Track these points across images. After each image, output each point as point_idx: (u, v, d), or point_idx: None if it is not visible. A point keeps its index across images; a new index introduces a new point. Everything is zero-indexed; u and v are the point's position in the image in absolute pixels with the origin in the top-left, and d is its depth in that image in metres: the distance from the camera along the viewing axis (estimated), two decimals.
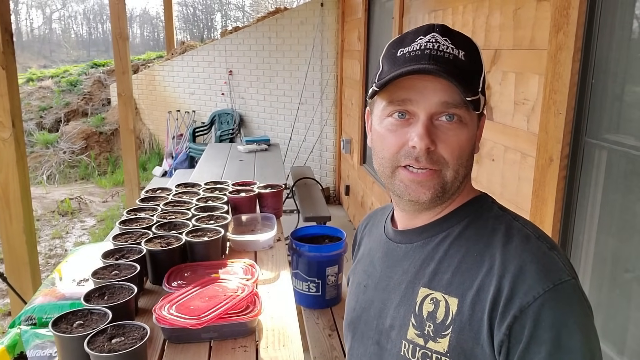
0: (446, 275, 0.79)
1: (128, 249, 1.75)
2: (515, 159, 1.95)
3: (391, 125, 0.80)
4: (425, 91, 0.77)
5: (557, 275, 0.72)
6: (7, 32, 2.41)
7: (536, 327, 0.69)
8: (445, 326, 0.76)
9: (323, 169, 6.90)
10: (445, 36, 0.79)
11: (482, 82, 0.80)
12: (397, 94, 0.79)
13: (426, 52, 0.77)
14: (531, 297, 0.70)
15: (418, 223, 0.87)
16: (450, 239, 0.82)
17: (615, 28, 1.50)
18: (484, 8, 2.22)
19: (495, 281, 0.73)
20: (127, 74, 5.55)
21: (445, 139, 0.78)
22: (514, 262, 0.73)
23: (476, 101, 0.77)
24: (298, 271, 2.57)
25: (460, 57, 0.77)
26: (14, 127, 2.50)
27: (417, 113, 0.78)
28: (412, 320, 0.81)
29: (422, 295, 0.81)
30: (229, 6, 33.35)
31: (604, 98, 1.54)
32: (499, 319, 0.71)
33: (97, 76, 10.67)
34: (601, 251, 1.61)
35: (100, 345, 1.21)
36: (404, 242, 0.89)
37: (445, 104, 0.77)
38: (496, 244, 0.77)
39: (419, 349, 0.79)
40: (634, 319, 1.50)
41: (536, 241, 0.77)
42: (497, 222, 0.81)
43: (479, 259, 0.77)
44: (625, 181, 1.51)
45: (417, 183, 0.80)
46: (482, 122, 0.86)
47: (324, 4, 6.48)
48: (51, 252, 5.21)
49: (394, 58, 0.80)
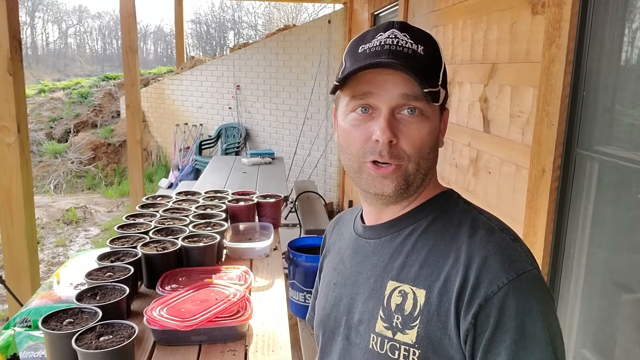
0: (414, 268, 0.81)
1: (124, 252, 1.77)
2: (511, 171, 1.96)
3: (354, 121, 0.82)
4: (385, 85, 0.79)
5: (520, 265, 0.74)
6: (15, 40, 2.47)
7: (501, 315, 0.71)
8: (413, 317, 0.78)
9: (327, 184, 6.92)
10: (404, 32, 0.81)
11: (442, 76, 0.82)
12: (358, 88, 0.80)
13: (385, 48, 0.79)
14: (496, 287, 0.72)
15: (385, 218, 0.89)
16: (418, 233, 0.84)
17: (605, 41, 1.52)
18: (482, 23, 2.25)
19: (461, 272, 0.75)
20: (136, 86, 5.64)
21: (407, 132, 0.79)
22: (479, 253, 0.75)
23: (435, 93, 0.78)
24: (294, 281, 2.57)
25: (419, 51, 0.79)
26: (19, 132, 2.54)
27: (379, 107, 0.80)
28: (380, 313, 0.82)
29: (391, 288, 0.82)
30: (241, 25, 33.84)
31: (594, 110, 1.56)
32: (465, 308, 0.73)
33: (108, 89, 10.84)
34: (592, 262, 1.61)
35: (88, 342, 1.22)
36: (372, 237, 0.90)
37: (405, 96, 0.78)
38: (462, 237, 0.79)
39: (387, 342, 0.80)
40: (625, 331, 1.49)
41: (500, 233, 0.79)
42: (462, 216, 0.83)
43: (446, 252, 0.79)
44: (616, 192, 1.52)
45: (382, 176, 0.81)
46: (446, 116, 0.88)
47: (331, 21, 6.58)
48: (54, 259, 5.25)
49: (355, 54, 0.82)
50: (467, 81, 2.43)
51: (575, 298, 1.68)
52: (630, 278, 1.47)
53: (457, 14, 2.59)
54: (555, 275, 1.74)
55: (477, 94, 2.32)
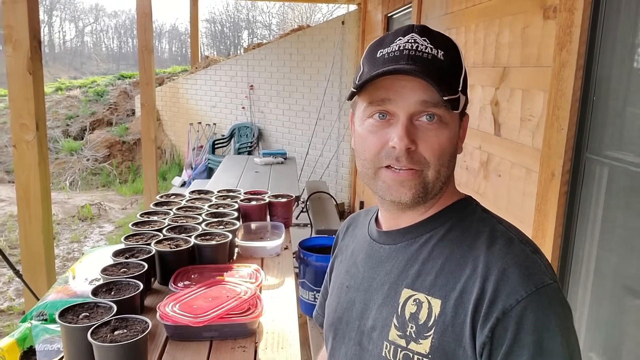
0: (429, 277, 0.79)
1: (138, 249, 1.80)
2: (521, 175, 1.97)
3: (372, 127, 0.81)
4: (403, 91, 0.77)
5: (540, 279, 0.72)
6: (35, 39, 2.53)
7: (519, 329, 0.69)
8: (428, 327, 0.76)
9: (339, 184, 6.94)
10: (424, 36, 0.79)
11: (462, 82, 0.80)
12: (376, 94, 0.79)
13: (404, 53, 0.77)
14: (514, 300, 0.70)
15: (402, 224, 0.87)
16: (434, 241, 0.82)
17: (616, 46, 1.53)
18: (494, 26, 2.26)
19: (478, 283, 0.73)
20: (151, 85, 5.72)
21: (425, 139, 0.78)
22: (498, 264, 0.74)
23: (454, 100, 0.77)
24: (305, 280, 2.60)
25: (439, 56, 0.77)
26: (37, 130, 2.60)
27: (397, 113, 0.78)
28: (394, 321, 0.81)
29: (405, 296, 0.81)
30: (255, 24, 33.99)
31: (605, 115, 1.56)
32: (482, 321, 0.71)
33: (124, 87, 10.96)
34: (601, 266, 1.61)
35: (103, 336, 1.26)
36: (387, 243, 0.89)
37: (424, 103, 0.77)
38: (480, 247, 0.77)
39: (400, 350, 0.79)
40: (633, 335, 1.49)
41: (519, 244, 0.77)
42: (480, 225, 0.81)
43: (463, 261, 0.77)
44: (625, 197, 1.52)
45: (399, 183, 0.79)
46: (465, 122, 0.86)
47: (345, 22, 6.59)
48: (69, 255, 5.34)
49: (373, 59, 0.81)
50: (479, 84, 2.44)
51: (584, 302, 1.68)
52: (639, 282, 1.48)
53: (469, 17, 2.60)
54: (563, 279, 1.74)
55: (488, 97, 2.33)
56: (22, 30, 2.50)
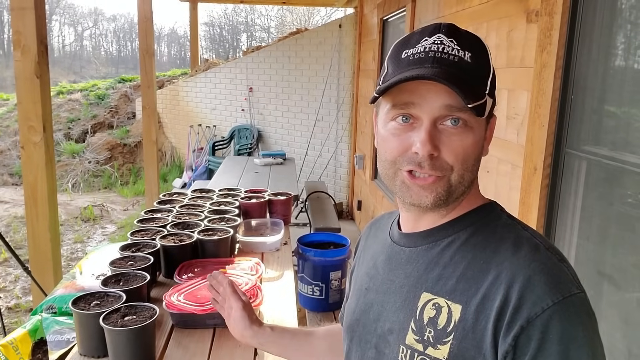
0: (450, 281, 0.76)
1: (144, 243, 1.89)
2: (507, 170, 2.07)
3: (395, 130, 0.78)
4: (428, 95, 0.75)
5: (566, 288, 0.70)
6: (42, 44, 2.63)
7: (544, 339, 0.67)
8: (447, 333, 0.74)
9: (337, 185, 7.03)
10: (451, 37, 0.76)
11: (489, 84, 0.77)
12: (400, 97, 0.77)
13: (430, 55, 0.75)
14: (539, 309, 0.68)
15: (423, 226, 0.85)
16: (457, 245, 0.80)
17: (593, 48, 1.63)
18: (482, 30, 2.36)
19: (502, 290, 0.71)
20: (152, 88, 5.81)
21: (449, 144, 0.75)
22: (523, 271, 0.71)
23: (480, 106, 0.74)
24: (303, 275, 2.69)
25: (466, 58, 0.75)
26: (44, 132, 2.70)
27: (420, 117, 0.76)
28: (411, 325, 0.79)
29: (424, 300, 0.78)
30: (254, 27, 34.09)
31: (582, 112, 1.66)
32: (505, 329, 0.69)
33: (124, 91, 11.04)
34: (580, 254, 1.71)
35: (114, 321, 1.35)
36: (408, 245, 0.86)
37: (448, 107, 0.74)
38: (504, 253, 0.75)
39: (417, 355, 0.76)
40: (608, 318, 1.59)
41: (545, 252, 0.74)
42: (505, 231, 0.79)
43: (486, 267, 0.74)
44: (602, 189, 1.62)
45: (420, 187, 0.78)
46: (493, 123, 0.83)
47: (342, 26, 6.70)
48: (72, 255, 5.43)
49: (398, 60, 0.79)
50: None
51: None
52: (614, 269, 1.58)
53: (460, 21, 2.70)
54: None
55: None
56: (29, 36, 2.60)
